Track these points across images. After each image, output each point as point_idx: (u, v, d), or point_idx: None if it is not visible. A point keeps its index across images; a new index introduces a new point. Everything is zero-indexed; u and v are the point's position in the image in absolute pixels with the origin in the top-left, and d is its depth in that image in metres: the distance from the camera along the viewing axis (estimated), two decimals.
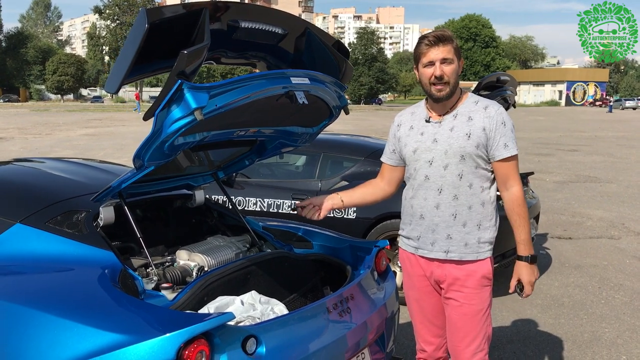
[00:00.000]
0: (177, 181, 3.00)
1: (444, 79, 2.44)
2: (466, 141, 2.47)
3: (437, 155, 2.52)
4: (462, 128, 2.49)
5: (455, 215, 2.51)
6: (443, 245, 2.54)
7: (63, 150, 16.81)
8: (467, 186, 2.49)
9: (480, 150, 2.47)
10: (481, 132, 2.46)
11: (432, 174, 2.53)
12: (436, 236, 2.55)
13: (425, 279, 2.65)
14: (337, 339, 2.41)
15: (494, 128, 2.46)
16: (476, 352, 2.57)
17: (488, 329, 2.60)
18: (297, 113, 2.68)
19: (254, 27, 2.43)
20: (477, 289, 2.54)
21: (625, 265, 6.17)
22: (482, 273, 2.54)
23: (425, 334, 2.77)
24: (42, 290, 2.25)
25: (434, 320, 2.72)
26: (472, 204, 2.50)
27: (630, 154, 17.82)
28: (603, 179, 12.51)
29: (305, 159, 5.78)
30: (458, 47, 2.50)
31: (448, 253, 2.53)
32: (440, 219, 2.53)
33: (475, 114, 2.50)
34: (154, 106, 2.09)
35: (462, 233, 2.51)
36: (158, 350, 1.87)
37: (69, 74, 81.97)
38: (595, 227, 7.93)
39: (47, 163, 3.54)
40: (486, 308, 2.57)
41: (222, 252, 2.88)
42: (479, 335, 2.56)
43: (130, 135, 23.23)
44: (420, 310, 2.74)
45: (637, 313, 4.79)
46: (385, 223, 4.89)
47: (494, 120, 2.46)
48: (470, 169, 2.49)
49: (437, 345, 2.76)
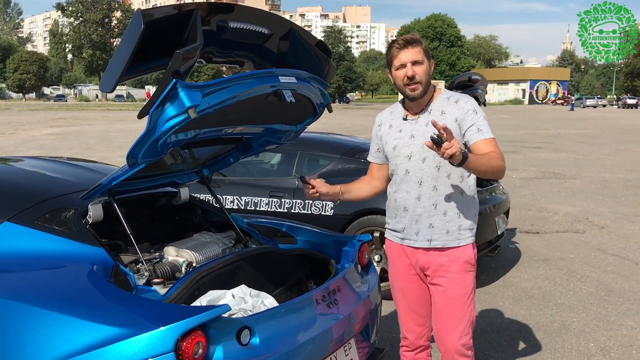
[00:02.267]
0: (162, 179, 3.04)
1: (416, 79, 2.58)
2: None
3: (415, 149, 2.66)
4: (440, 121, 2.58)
5: (435, 205, 2.65)
6: (426, 234, 2.67)
7: (29, 150, 16.48)
8: (445, 177, 2.63)
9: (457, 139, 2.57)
10: (453, 123, 2.58)
11: (411, 168, 2.67)
12: (419, 226, 2.68)
13: (411, 268, 2.77)
14: (326, 330, 2.49)
15: (464, 117, 2.59)
16: (462, 335, 2.68)
17: (472, 313, 2.72)
18: (283, 111, 2.75)
19: (242, 27, 2.50)
20: (461, 273, 2.67)
21: (590, 257, 6.40)
22: (464, 258, 2.68)
23: (408, 322, 2.88)
24: (36, 286, 2.27)
25: (417, 309, 2.84)
26: (451, 194, 2.64)
27: (592, 151, 18.35)
28: (567, 175, 12.88)
29: (282, 157, 5.84)
30: (427, 49, 2.63)
31: (431, 241, 2.67)
32: (423, 210, 2.67)
33: (447, 107, 2.64)
34: (149, 105, 2.13)
35: (443, 221, 2.65)
36: (156, 343, 1.91)
37: (30, 72, 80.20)
38: (561, 222, 8.19)
39: (27, 161, 3.53)
40: (470, 292, 2.69)
41: (209, 248, 2.93)
42: (464, 319, 2.68)
43: (96, 134, 22.91)
44: (405, 299, 2.85)
45: (603, 303, 4.99)
46: (362, 219, 4.99)
47: (464, 109, 2.61)
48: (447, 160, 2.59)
49: (418, 334, 2.88)
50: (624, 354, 4.00)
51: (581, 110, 58.39)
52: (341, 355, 2.60)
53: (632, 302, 5.02)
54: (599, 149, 18.80)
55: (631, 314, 4.73)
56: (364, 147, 5.73)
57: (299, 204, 5.20)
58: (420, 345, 2.91)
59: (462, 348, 2.69)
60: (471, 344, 2.72)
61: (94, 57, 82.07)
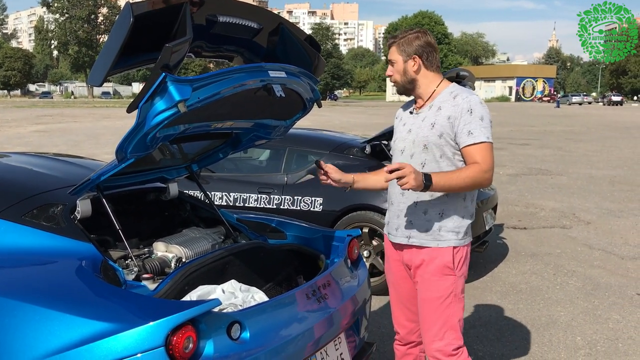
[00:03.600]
0: (151, 174, 3.02)
1: (392, 78, 2.67)
2: (429, 130, 2.57)
3: (407, 144, 2.66)
4: (430, 118, 2.59)
5: (416, 203, 2.62)
6: (405, 230, 2.65)
7: (14, 147, 16.31)
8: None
9: (445, 140, 2.53)
10: (446, 121, 2.52)
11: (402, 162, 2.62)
12: (400, 221, 2.67)
13: (400, 264, 2.77)
14: (316, 324, 2.49)
15: (458, 116, 2.50)
16: (434, 339, 2.61)
17: (450, 319, 2.60)
18: (273, 106, 2.75)
19: (231, 21, 2.49)
20: (437, 276, 2.59)
21: (577, 252, 6.46)
22: (442, 261, 2.58)
23: (400, 317, 2.88)
24: (25, 282, 2.25)
25: (408, 305, 2.82)
26: (434, 193, 2.54)
27: (578, 147, 18.50)
28: (554, 171, 12.98)
29: (270, 154, 5.84)
30: (405, 45, 2.58)
31: (410, 238, 2.64)
32: (405, 206, 2.66)
33: (445, 103, 2.57)
34: (138, 99, 2.12)
35: (422, 220, 2.60)
36: (147, 337, 1.91)
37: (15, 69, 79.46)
38: (548, 217, 8.25)
39: (14, 157, 3.50)
40: (445, 297, 2.58)
41: (198, 244, 2.93)
42: (436, 323, 2.60)
43: (82, 131, 22.73)
44: (396, 294, 2.86)
45: (589, 297, 5.05)
46: (351, 215, 5.00)
47: (459, 108, 2.51)
48: (433, 158, 2.56)
49: (409, 329, 2.86)
50: (610, 347, 4.04)
51: (567, 108, 58.81)
52: (331, 349, 2.61)
53: (617, 296, 5.07)
54: (584, 146, 18.96)
55: (617, 308, 4.78)
56: (352, 144, 5.74)
57: (287, 200, 5.20)
58: (411, 340, 2.89)
59: (437, 353, 2.61)
60: (449, 350, 2.60)
61: (80, 53, 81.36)
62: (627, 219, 8.18)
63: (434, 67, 2.63)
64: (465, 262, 2.66)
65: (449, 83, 2.65)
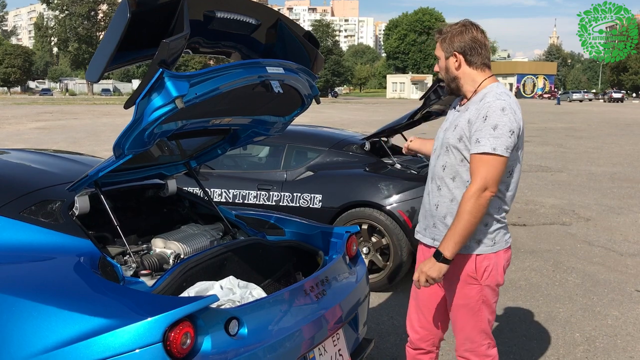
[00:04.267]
0: (150, 171, 3.02)
1: (439, 75, 2.56)
2: (452, 133, 2.47)
3: (438, 144, 2.59)
4: (456, 119, 2.49)
5: (437, 205, 2.53)
6: (431, 232, 2.58)
7: (14, 144, 16.32)
8: (450, 178, 2.48)
9: (465, 143, 2.42)
10: (465, 124, 2.41)
11: (431, 162, 2.62)
12: (427, 222, 2.60)
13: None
14: (314, 320, 2.49)
15: (474, 120, 2.37)
16: (465, 342, 2.58)
17: (479, 323, 2.54)
18: (271, 102, 2.74)
19: (229, 17, 2.48)
20: (461, 284, 2.51)
21: (576, 249, 6.46)
22: (465, 270, 2.48)
23: (413, 321, 2.79)
24: (23, 278, 2.25)
25: (424, 310, 2.74)
26: (454, 197, 2.46)
27: (578, 144, 18.49)
28: (554, 168, 12.97)
29: (270, 150, 5.84)
30: (447, 41, 2.46)
31: (434, 241, 2.55)
32: (429, 207, 2.58)
33: (473, 105, 2.44)
34: (135, 95, 2.11)
35: (443, 225, 2.50)
36: (144, 333, 1.91)
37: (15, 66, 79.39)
38: (547, 214, 8.25)
39: (13, 154, 3.50)
40: (473, 304, 2.50)
41: (197, 240, 2.93)
42: (465, 327, 2.56)
43: (82, 128, 22.71)
44: (415, 297, 2.78)
45: (588, 294, 5.05)
46: (350, 211, 5.00)
47: (478, 112, 2.38)
48: (454, 161, 2.46)
49: (421, 336, 2.77)
50: (609, 344, 4.05)
51: (568, 104, 58.77)
52: (329, 345, 2.61)
53: (617, 292, 5.07)
54: (585, 143, 18.95)
55: (616, 304, 4.79)
56: (352, 140, 5.74)
57: (287, 196, 5.19)
58: (421, 347, 2.78)
59: (467, 353, 2.59)
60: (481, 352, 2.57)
61: (79, 50, 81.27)
62: (626, 216, 8.18)
63: (479, 64, 2.47)
64: (493, 270, 2.49)
65: (493, 81, 2.48)
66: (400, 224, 4.83)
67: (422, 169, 5.48)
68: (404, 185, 4.95)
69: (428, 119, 5.85)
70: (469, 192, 2.32)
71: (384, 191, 4.93)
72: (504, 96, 2.39)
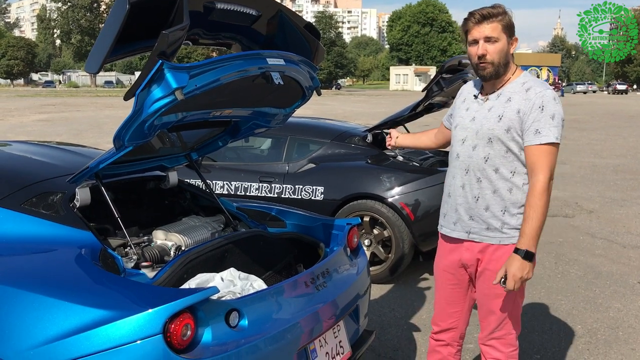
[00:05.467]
0: (151, 163, 3.02)
1: (487, 59, 2.38)
2: (496, 123, 2.40)
3: (470, 134, 2.49)
4: (497, 109, 2.42)
5: (477, 198, 2.47)
6: (465, 225, 2.52)
7: (17, 136, 16.35)
8: (492, 170, 2.43)
9: (512, 134, 2.37)
10: (515, 114, 2.35)
11: (462, 153, 2.52)
12: (459, 215, 2.53)
13: (451, 259, 2.63)
14: (314, 312, 2.50)
15: (528, 111, 2.33)
16: (493, 330, 2.57)
17: (513, 312, 2.55)
18: (272, 94, 2.74)
19: (229, 8, 2.47)
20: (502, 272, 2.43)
21: (579, 241, 6.45)
22: (504, 259, 2.42)
23: (438, 313, 2.77)
24: (24, 270, 2.26)
25: (446, 306, 2.72)
26: (498, 189, 2.42)
27: (581, 136, 18.43)
28: (557, 160, 12.90)
29: (272, 142, 5.83)
30: (509, 24, 2.38)
31: (470, 234, 2.51)
32: (464, 200, 2.51)
33: (515, 95, 2.39)
34: (135, 86, 2.11)
35: (484, 216, 2.46)
36: (144, 325, 1.91)
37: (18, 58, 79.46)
38: (550, 206, 8.12)
39: (14, 146, 3.50)
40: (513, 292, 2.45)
41: (198, 232, 2.93)
42: (500, 317, 2.54)
43: (85, 120, 22.73)
44: (439, 289, 2.75)
45: (590, 286, 5.04)
46: (352, 203, 4.99)
47: (531, 102, 2.33)
48: (498, 153, 2.41)
49: (442, 329, 2.75)
50: (610, 335, 4.05)
51: (571, 96, 58.55)
52: (330, 337, 2.61)
53: (619, 284, 5.07)
54: (588, 135, 18.89)
55: (618, 297, 4.78)
56: (354, 132, 5.73)
57: (289, 189, 5.19)
58: (442, 339, 2.77)
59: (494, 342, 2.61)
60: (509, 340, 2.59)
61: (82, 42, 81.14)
62: (630, 208, 8.16)
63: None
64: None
65: (522, 71, 2.47)
66: (402, 216, 4.83)
67: (424, 161, 5.48)
68: (406, 178, 4.94)
69: (430, 110, 5.84)
70: (541, 185, 2.31)
71: (386, 183, 4.92)
72: (548, 86, 2.42)
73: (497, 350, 2.61)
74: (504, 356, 2.60)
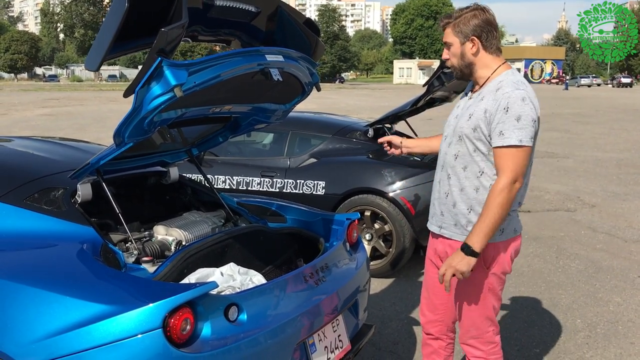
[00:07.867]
0: (151, 158, 3.04)
1: (449, 63, 2.49)
2: (466, 122, 2.43)
3: (449, 132, 2.54)
4: (471, 108, 2.44)
5: (447, 194, 2.52)
6: (438, 219, 2.59)
7: (21, 130, 16.39)
8: (461, 168, 2.46)
9: (478, 134, 2.38)
10: (482, 114, 2.36)
11: (442, 149, 2.58)
12: (435, 210, 2.61)
13: (433, 251, 2.69)
14: (313, 307, 2.52)
15: (494, 112, 2.32)
16: (468, 330, 2.59)
17: (485, 311, 2.54)
18: (271, 90, 2.75)
19: (228, 4, 2.48)
20: None
21: (580, 235, 6.46)
22: None
23: (423, 304, 2.82)
24: (26, 265, 2.29)
25: (432, 297, 2.75)
26: (464, 187, 2.45)
27: (585, 130, 18.39)
28: (560, 154, 12.92)
29: (273, 137, 5.84)
30: (460, 25, 2.39)
31: (441, 229, 2.57)
32: (438, 195, 2.58)
33: (489, 94, 2.39)
34: (134, 83, 2.13)
35: (451, 213, 2.50)
36: (144, 319, 1.94)
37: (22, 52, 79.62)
38: (552, 201, 8.24)
39: (17, 142, 3.52)
40: (479, 291, 2.49)
41: (198, 227, 2.95)
42: (469, 316, 2.57)
43: (89, 114, 22.76)
44: (425, 281, 2.79)
45: (591, 280, 5.06)
46: (353, 198, 5.01)
47: (497, 103, 2.32)
48: (466, 151, 2.43)
49: (428, 319, 2.78)
50: (610, 329, 4.06)
51: (576, 90, 58.27)
52: (329, 331, 2.64)
53: (619, 279, 5.08)
54: (592, 128, 18.84)
55: (618, 291, 4.80)
56: (355, 127, 5.74)
57: (290, 183, 5.21)
58: (430, 332, 2.80)
59: (472, 341, 2.61)
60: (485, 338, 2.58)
61: (86, 36, 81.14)
62: (632, 202, 8.15)
63: (494, 49, 2.43)
64: (502, 259, 2.48)
65: (507, 68, 2.45)
66: (402, 210, 4.84)
67: (425, 156, 5.47)
68: (406, 172, 4.96)
69: (432, 105, 5.84)
70: (499, 186, 2.29)
71: (387, 178, 4.94)
72: (522, 85, 2.36)
73: (476, 349, 2.63)
74: (485, 354, 2.62)
